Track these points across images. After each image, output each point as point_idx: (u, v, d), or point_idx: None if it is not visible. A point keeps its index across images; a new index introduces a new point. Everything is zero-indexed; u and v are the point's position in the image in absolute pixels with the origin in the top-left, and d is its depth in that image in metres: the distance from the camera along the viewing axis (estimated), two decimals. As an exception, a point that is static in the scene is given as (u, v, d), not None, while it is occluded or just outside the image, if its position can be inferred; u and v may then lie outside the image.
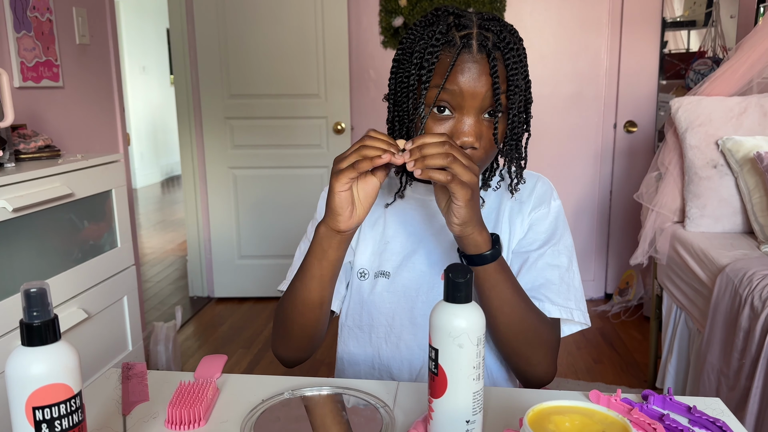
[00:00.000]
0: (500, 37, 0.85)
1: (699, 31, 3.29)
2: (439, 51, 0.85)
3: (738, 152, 2.16)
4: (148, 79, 7.43)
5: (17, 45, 1.94)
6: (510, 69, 0.85)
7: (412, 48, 0.87)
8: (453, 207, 0.78)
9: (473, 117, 0.86)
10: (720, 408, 0.80)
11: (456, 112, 0.86)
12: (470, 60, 0.84)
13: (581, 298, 0.96)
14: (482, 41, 0.84)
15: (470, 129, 0.86)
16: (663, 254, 2.34)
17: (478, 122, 0.86)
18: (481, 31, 0.85)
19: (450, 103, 0.86)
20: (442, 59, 0.85)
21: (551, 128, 3.33)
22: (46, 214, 1.58)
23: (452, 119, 0.87)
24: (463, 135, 0.85)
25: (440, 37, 0.85)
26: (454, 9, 0.88)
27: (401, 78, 0.89)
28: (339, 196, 0.78)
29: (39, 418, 0.57)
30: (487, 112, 0.87)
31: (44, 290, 0.58)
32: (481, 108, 0.86)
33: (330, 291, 0.89)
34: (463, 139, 0.85)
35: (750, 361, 1.64)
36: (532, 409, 0.62)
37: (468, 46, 0.84)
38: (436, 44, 0.85)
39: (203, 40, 3.29)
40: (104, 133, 2.47)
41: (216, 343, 3.02)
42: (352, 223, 0.81)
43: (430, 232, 0.99)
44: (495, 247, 0.84)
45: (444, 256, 0.97)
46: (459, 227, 0.80)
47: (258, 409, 0.79)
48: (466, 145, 0.86)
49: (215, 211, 3.49)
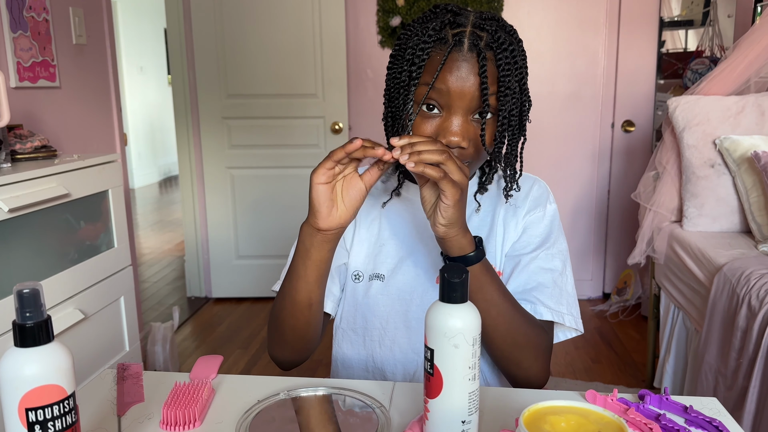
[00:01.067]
0: (494, 36, 0.84)
1: (696, 30, 3.29)
2: (431, 48, 0.84)
3: (735, 151, 2.16)
4: (145, 79, 7.43)
5: (14, 45, 1.94)
6: (502, 70, 0.84)
7: (407, 44, 0.87)
8: (441, 207, 0.77)
9: (461, 117, 0.85)
10: (716, 408, 0.80)
11: (444, 110, 0.86)
12: (460, 59, 0.83)
13: (574, 304, 0.95)
14: (474, 40, 0.83)
15: (457, 128, 0.85)
16: (661, 254, 2.34)
17: (466, 122, 0.85)
18: (474, 30, 0.84)
19: (438, 102, 0.85)
20: (433, 57, 0.84)
21: (549, 128, 3.33)
22: (42, 214, 1.57)
23: (440, 117, 0.86)
24: (450, 134, 0.85)
25: (433, 33, 0.84)
26: (453, 7, 0.88)
27: (394, 74, 0.89)
28: (317, 189, 0.77)
29: (32, 419, 0.57)
30: (476, 112, 0.86)
31: (37, 291, 0.58)
32: (469, 108, 0.85)
33: (318, 292, 0.88)
34: (449, 138, 0.85)
35: (747, 361, 1.64)
36: (528, 410, 0.62)
37: (459, 44, 0.83)
38: (428, 41, 0.84)
39: (200, 40, 3.28)
40: (101, 134, 2.47)
41: (213, 343, 3.02)
42: (333, 223, 0.80)
43: (425, 235, 0.98)
44: (479, 248, 0.83)
45: (439, 259, 0.97)
46: (444, 228, 0.79)
47: (253, 410, 0.79)
48: (452, 144, 0.85)
49: (213, 211, 3.49)
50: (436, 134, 0.86)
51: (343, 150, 0.74)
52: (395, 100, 0.89)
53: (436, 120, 0.86)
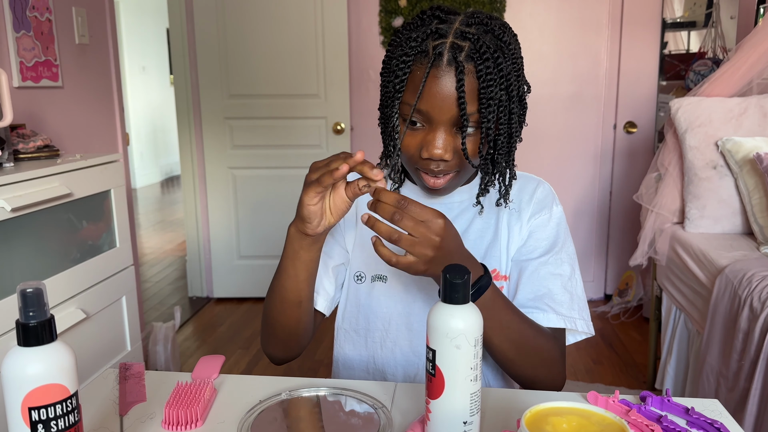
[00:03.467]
0: (477, 46, 0.81)
1: (699, 31, 3.29)
2: (411, 62, 0.84)
3: (738, 153, 2.16)
4: (148, 79, 7.43)
5: (16, 45, 1.94)
6: (483, 81, 0.82)
7: (393, 53, 0.87)
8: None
9: (443, 130, 0.84)
10: (718, 409, 0.80)
11: (427, 124, 0.86)
12: (440, 74, 0.82)
13: (584, 307, 0.95)
14: (454, 53, 0.81)
15: (440, 143, 0.84)
16: (662, 255, 2.33)
17: (449, 135, 0.85)
18: (455, 40, 0.82)
19: (420, 116, 0.85)
20: (414, 71, 0.84)
21: (551, 129, 3.33)
22: (44, 213, 1.57)
23: (423, 131, 0.86)
24: (433, 147, 0.84)
25: (415, 45, 0.83)
26: (440, 12, 0.86)
27: (383, 83, 0.89)
28: (307, 209, 0.78)
29: (35, 418, 0.57)
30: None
31: (40, 290, 0.58)
32: (450, 121, 0.84)
33: (308, 291, 0.89)
34: (432, 152, 0.84)
35: (749, 363, 1.64)
36: (530, 411, 0.62)
37: (439, 58, 0.82)
38: (409, 53, 0.83)
39: (203, 40, 3.29)
40: (103, 133, 2.47)
41: (215, 343, 3.02)
42: (321, 229, 0.81)
43: None
44: (486, 273, 0.83)
45: None
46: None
47: (255, 410, 0.79)
48: (435, 157, 0.85)
49: (214, 211, 3.49)
50: (420, 147, 0.86)
51: (331, 177, 0.75)
52: (384, 108, 0.89)
53: (420, 133, 0.86)
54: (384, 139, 0.91)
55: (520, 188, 0.99)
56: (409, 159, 0.89)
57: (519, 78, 0.86)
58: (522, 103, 0.88)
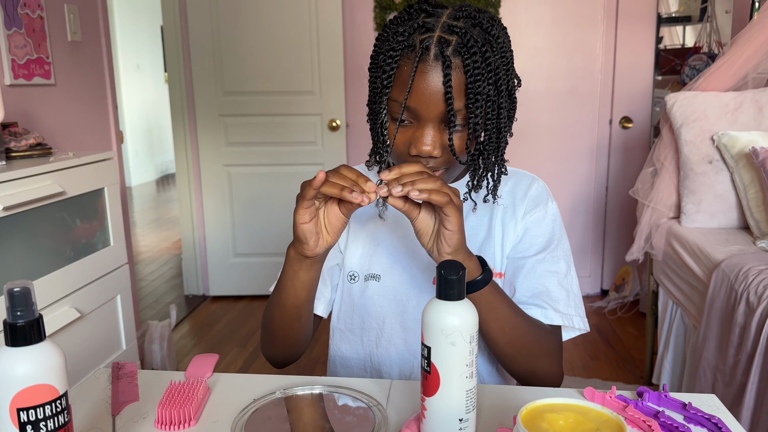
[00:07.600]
0: (464, 39, 0.80)
1: (694, 26, 3.29)
2: (399, 57, 0.82)
3: (733, 147, 2.15)
4: (142, 76, 7.40)
5: (8, 42, 1.92)
6: (470, 76, 0.80)
7: (381, 48, 0.86)
8: (445, 234, 0.76)
9: (432, 126, 0.84)
10: (715, 404, 0.79)
11: (415, 121, 0.85)
12: (427, 69, 0.81)
13: (580, 304, 0.95)
14: (441, 47, 0.80)
15: (428, 139, 0.83)
16: (659, 250, 2.33)
17: (438, 131, 0.84)
18: (443, 34, 0.81)
19: (409, 112, 0.84)
20: (401, 66, 0.83)
21: (546, 124, 3.32)
22: (37, 212, 1.56)
23: (412, 127, 0.85)
24: (422, 144, 0.83)
25: (402, 40, 0.82)
26: (427, 6, 0.85)
27: (371, 78, 0.88)
28: (301, 228, 0.77)
29: (24, 419, 0.56)
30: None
31: (28, 290, 0.57)
32: (438, 117, 0.83)
33: (308, 306, 0.89)
34: (421, 148, 0.83)
35: (746, 357, 1.64)
36: (526, 407, 0.61)
37: (426, 52, 0.81)
38: (396, 48, 0.82)
39: (197, 37, 3.27)
40: (97, 131, 2.45)
41: (211, 341, 3.01)
42: (320, 250, 0.80)
43: None
44: (486, 269, 0.82)
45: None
46: (451, 257, 0.77)
47: (249, 409, 0.78)
48: (424, 154, 0.84)
49: (210, 209, 3.48)
50: (409, 144, 0.85)
51: (311, 187, 0.74)
52: (372, 105, 0.88)
53: (409, 130, 0.85)
54: (373, 136, 0.90)
55: (514, 185, 0.99)
56: (398, 156, 0.88)
57: (508, 72, 0.85)
58: (511, 97, 0.87)
